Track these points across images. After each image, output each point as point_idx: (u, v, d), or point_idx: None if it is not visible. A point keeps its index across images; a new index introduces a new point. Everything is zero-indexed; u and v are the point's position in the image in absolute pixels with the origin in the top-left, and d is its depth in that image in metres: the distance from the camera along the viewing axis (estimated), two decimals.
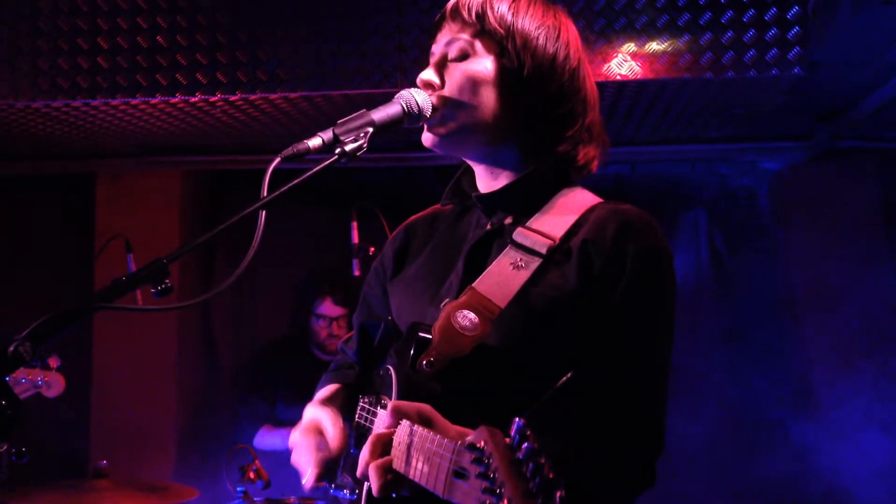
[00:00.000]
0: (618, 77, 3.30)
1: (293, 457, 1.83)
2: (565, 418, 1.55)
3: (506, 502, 1.06)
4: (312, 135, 1.58)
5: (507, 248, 1.66)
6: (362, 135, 1.60)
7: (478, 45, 1.69)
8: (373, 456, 1.45)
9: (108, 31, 3.47)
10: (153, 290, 1.45)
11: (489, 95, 1.69)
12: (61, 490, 3.48)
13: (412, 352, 1.57)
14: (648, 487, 1.60)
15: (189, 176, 5.03)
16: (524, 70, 1.68)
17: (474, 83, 1.69)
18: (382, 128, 1.63)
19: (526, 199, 1.73)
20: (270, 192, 1.50)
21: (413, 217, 1.98)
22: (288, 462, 1.90)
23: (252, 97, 3.50)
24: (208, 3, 3.45)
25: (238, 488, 3.71)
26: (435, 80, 1.71)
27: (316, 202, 4.68)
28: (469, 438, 1.23)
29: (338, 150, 1.57)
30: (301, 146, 1.55)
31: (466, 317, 1.58)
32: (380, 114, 1.64)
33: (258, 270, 4.95)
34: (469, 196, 1.83)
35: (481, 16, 1.69)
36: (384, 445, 1.46)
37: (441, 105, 1.69)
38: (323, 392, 1.95)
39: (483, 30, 1.69)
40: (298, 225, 4.75)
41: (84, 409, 4.82)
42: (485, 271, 1.65)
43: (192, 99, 3.51)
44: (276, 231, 1.63)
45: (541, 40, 1.70)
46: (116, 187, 4.92)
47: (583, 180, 1.80)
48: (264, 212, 1.50)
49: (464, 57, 1.70)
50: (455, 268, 1.73)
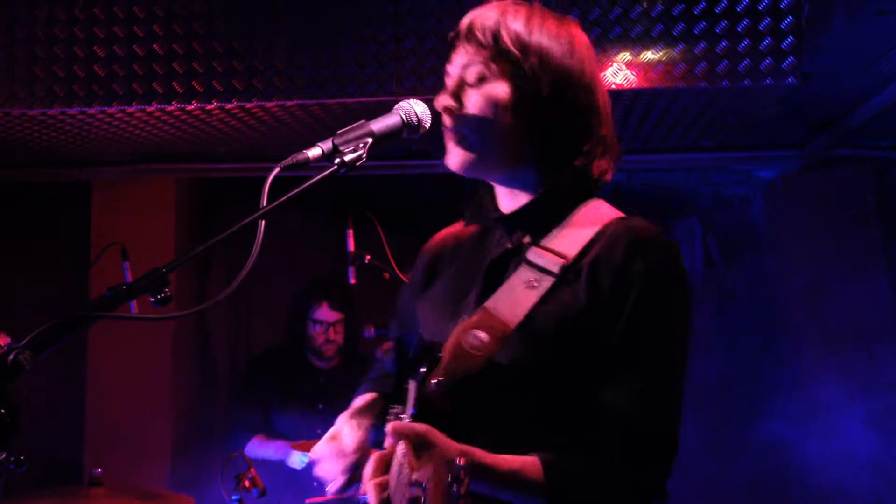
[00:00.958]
0: (613, 86, 3.31)
1: (316, 467, 1.85)
2: (572, 440, 1.58)
3: None
4: (310, 144, 1.59)
5: (521, 268, 1.67)
6: (361, 145, 1.61)
7: (494, 68, 1.69)
8: (373, 475, 1.51)
9: (105, 40, 3.47)
10: (152, 300, 1.45)
11: (508, 118, 1.69)
12: (56, 498, 3.47)
13: (424, 370, 1.60)
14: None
15: (185, 184, 5.03)
16: (541, 91, 1.69)
17: (493, 106, 1.69)
18: (382, 138, 1.64)
19: (543, 218, 1.73)
20: (269, 202, 1.51)
21: (443, 231, 2.01)
22: (283, 470, 1.91)
23: (248, 105, 3.50)
24: (204, 12, 3.45)
25: (233, 497, 3.70)
26: (452, 104, 1.71)
27: (312, 210, 4.69)
28: (415, 476, 1.33)
29: (337, 161, 1.58)
30: (300, 156, 1.56)
31: (477, 336, 1.60)
32: (379, 124, 1.65)
33: (253, 278, 4.94)
34: (489, 216, 1.84)
35: (497, 37, 1.69)
36: (385, 464, 1.50)
37: (459, 124, 1.71)
38: (358, 401, 1.97)
39: (499, 52, 1.69)
40: (294, 232, 4.76)
41: (79, 417, 4.81)
42: (497, 290, 1.67)
43: (189, 107, 3.51)
44: (272, 238, 1.64)
45: (556, 59, 1.70)
46: (112, 195, 4.92)
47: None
48: (263, 222, 1.50)
49: (481, 80, 1.70)
50: (475, 286, 1.75)
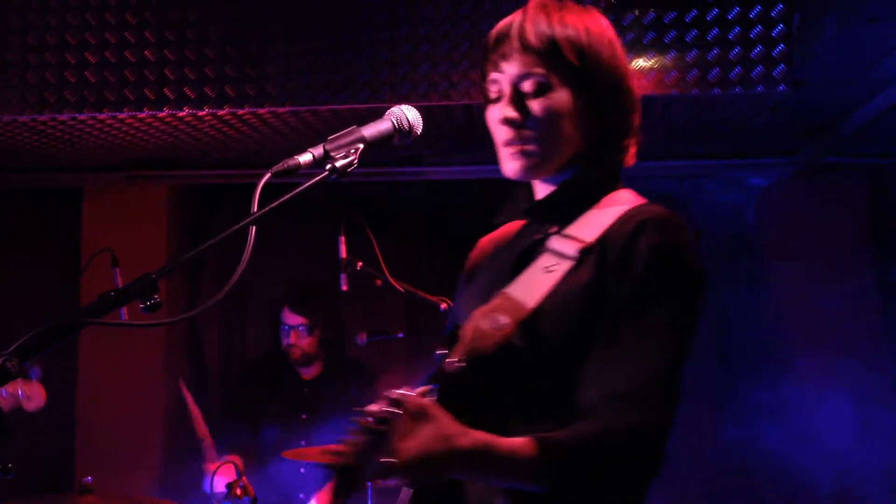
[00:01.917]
0: None
1: None
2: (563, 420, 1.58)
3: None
4: (301, 149, 1.58)
5: (544, 255, 1.70)
6: (353, 151, 1.60)
7: (553, 78, 1.70)
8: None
9: (97, 46, 3.47)
10: (142, 306, 1.44)
11: (570, 126, 1.71)
12: None
13: (443, 352, 1.61)
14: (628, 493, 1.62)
15: (176, 190, 5.02)
16: (599, 96, 1.72)
17: (557, 117, 1.70)
18: (373, 144, 1.64)
19: (569, 206, 1.76)
20: (260, 208, 1.50)
21: (485, 238, 2.03)
22: (275, 478, 1.89)
23: (240, 112, 3.49)
24: (196, 18, 3.45)
25: (224, 503, 3.69)
26: (517, 117, 1.71)
27: (304, 216, 4.69)
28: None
29: (328, 167, 1.58)
30: (291, 162, 1.55)
31: (495, 318, 1.61)
32: (370, 130, 1.64)
33: (245, 284, 4.94)
34: (520, 208, 1.86)
35: (554, 46, 1.69)
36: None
37: (526, 141, 1.71)
38: None
39: (556, 60, 1.69)
40: (286, 239, 4.75)
41: (69, 424, 4.79)
42: (518, 277, 1.69)
43: (180, 113, 3.50)
44: (264, 245, 1.63)
45: (607, 61, 1.73)
46: (103, 201, 4.91)
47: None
48: (254, 228, 1.49)
49: (540, 90, 1.71)
50: (504, 278, 1.76)
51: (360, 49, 3.39)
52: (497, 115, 1.73)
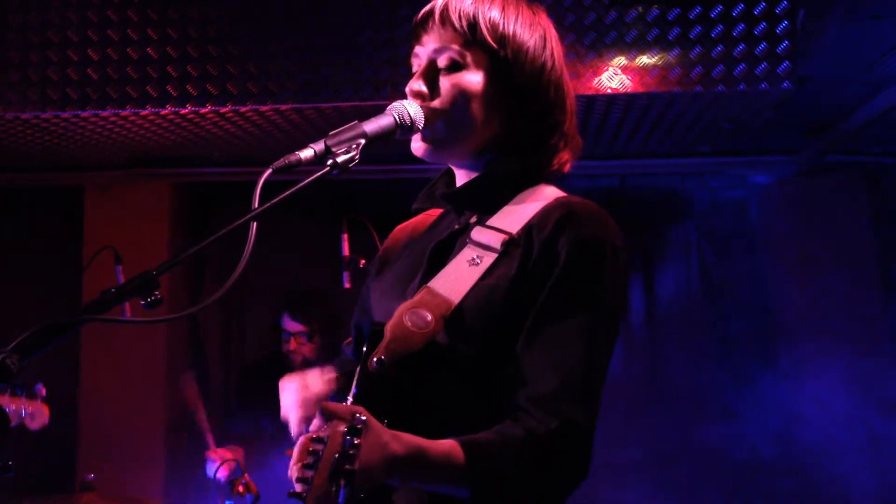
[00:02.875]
0: (608, 90, 3.30)
1: (282, 416, 1.84)
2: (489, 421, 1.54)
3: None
4: (304, 146, 1.57)
5: (466, 247, 1.66)
6: (354, 146, 1.59)
7: (469, 57, 1.68)
8: (298, 459, 1.45)
9: (98, 43, 3.47)
10: (143, 303, 1.43)
11: (479, 109, 1.68)
12: None
13: (365, 350, 1.57)
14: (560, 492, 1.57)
15: (178, 188, 5.02)
16: (515, 84, 1.69)
17: (466, 97, 1.68)
18: (374, 139, 1.62)
19: (489, 197, 1.72)
20: (261, 204, 1.49)
21: (403, 224, 1.99)
22: (278, 475, 1.89)
23: (242, 109, 3.49)
24: (199, 16, 3.45)
25: (227, 502, 3.69)
26: (425, 91, 1.69)
27: (306, 214, 4.68)
28: (314, 429, 1.38)
29: (330, 162, 1.56)
30: (293, 158, 1.54)
31: (420, 315, 1.57)
32: (372, 125, 1.63)
33: (247, 282, 4.93)
34: (437, 194, 1.82)
35: (473, 25, 1.67)
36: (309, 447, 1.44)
37: (432, 117, 1.69)
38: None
39: (475, 40, 1.67)
40: (289, 237, 4.74)
41: (71, 423, 4.79)
42: (442, 270, 1.65)
43: (183, 111, 3.50)
44: (266, 242, 1.62)
45: (531, 52, 1.69)
46: (105, 199, 4.90)
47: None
48: (255, 224, 1.48)
49: (454, 67, 1.69)
50: (421, 268, 1.73)
51: (362, 47, 3.38)
52: (408, 88, 1.71)
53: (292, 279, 4.88)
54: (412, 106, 1.68)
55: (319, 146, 1.57)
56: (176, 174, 4.76)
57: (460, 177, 1.80)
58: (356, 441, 1.29)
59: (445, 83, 1.69)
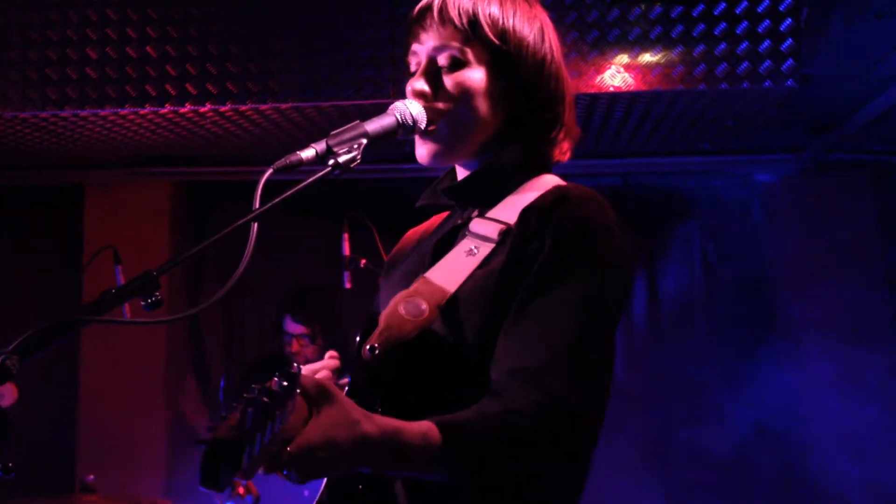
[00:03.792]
0: (611, 89, 3.29)
1: None
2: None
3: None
4: (305, 146, 1.56)
5: (465, 239, 1.65)
6: (356, 146, 1.57)
7: (470, 54, 1.66)
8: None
9: (98, 42, 3.45)
10: (143, 303, 1.42)
11: (483, 106, 1.67)
12: None
13: (359, 339, 1.57)
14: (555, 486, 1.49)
15: (178, 187, 5.01)
16: (517, 79, 1.67)
17: (470, 95, 1.66)
18: (376, 139, 1.61)
19: (490, 189, 1.70)
20: (262, 204, 1.48)
21: (412, 229, 1.99)
22: (278, 478, 1.87)
23: (242, 108, 3.48)
24: (199, 14, 3.43)
25: (227, 503, 3.68)
26: (428, 91, 1.67)
27: (307, 213, 4.66)
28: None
29: (331, 162, 1.55)
30: (294, 157, 1.52)
31: (415, 303, 1.55)
32: (374, 125, 1.61)
33: (248, 282, 4.92)
34: (438, 190, 1.80)
35: (474, 22, 1.65)
36: None
37: (436, 117, 1.67)
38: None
39: (475, 36, 1.65)
40: (289, 237, 4.73)
41: (71, 423, 4.78)
42: (440, 262, 1.64)
43: (182, 110, 3.49)
44: (267, 242, 1.61)
45: (531, 46, 1.68)
46: (105, 198, 4.89)
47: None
48: (256, 224, 1.47)
49: (456, 65, 1.67)
50: (425, 264, 1.71)
51: (363, 46, 3.37)
52: (409, 87, 1.69)
53: (293, 279, 4.87)
54: (414, 106, 1.66)
55: (321, 146, 1.55)
56: (176, 173, 4.75)
57: (462, 173, 1.78)
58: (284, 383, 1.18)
59: (448, 82, 1.67)
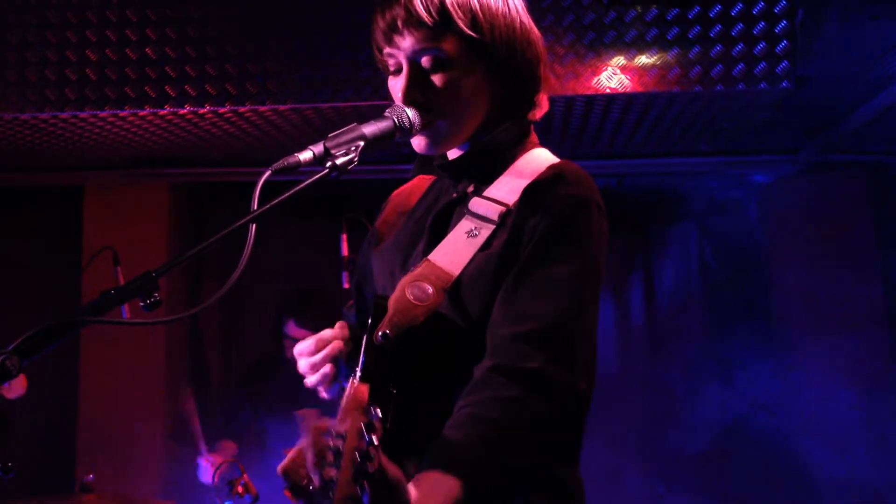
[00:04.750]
0: (607, 90, 3.30)
1: (298, 365, 1.83)
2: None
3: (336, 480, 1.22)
4: (303, 147, 1.57)
5: (464, 218, 1.68)
6: (353, 148, 1.59)
7: (448, 51, 1.66)
8: (313, 454, 1.37)
9: (97, 43, 3.46)
10: (142, 304, 1.43)
11: (473, 97, 1.70)
12: None
13: (370, 324, 1.59)
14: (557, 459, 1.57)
15: (177, 188, 5.01)
16: (497, 60, 1.69)
17: (459, 92, 1.68)
18: (374, 142, 1.62)
19: (485, 165, 1.74)
20: (261, 205, 1.49)
21: (404, 185, 1.98)
22: (278, 478, 1.87)
23: (241, 109, 3.48)
24: (197, 15, 3.44)
25: (226, 502, 3.68)
26: (420, 98, 1.68)
27: (305, 214, 4.67)
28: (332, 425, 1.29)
29: (329, 164, 1.57)
30: (292, 159, 1.54)
31: (421, 287, 1.59)
32: (371, 128, 1.63)
33: (247, 282, 4.92)
34: (434, 163, 1.83)
35: (443, 16, 1.64)
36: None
37: (432, 119, 1.69)
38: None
39: (450, 31, 1.66)
40: (287, 237, 4.74)
41: (71, 423, 4.78)
42: (441, 241, 1.67)
43: (181, 111, 3.49)
44: (265, 243, 1.63)
45: (502, 22, 1.69)
46: (104, 199, 4.90)
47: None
48: (254, 225, 1.48)
49: (438, 64, 1.67)
50: (422, 238, 1.75)
51: (361, 47, 3.38)
52: (398, 90, 1.70)
53: (291, 279, 4.88)
54: (411, 109, 1.68)
55: (319, 148, 1.57)
56: (175, 174, 4.76)
57: (455, 151, 1.81)
58: (374, 438, 1.23)
59: (436, 82, 1.68)
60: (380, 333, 1.56)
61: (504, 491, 1.51)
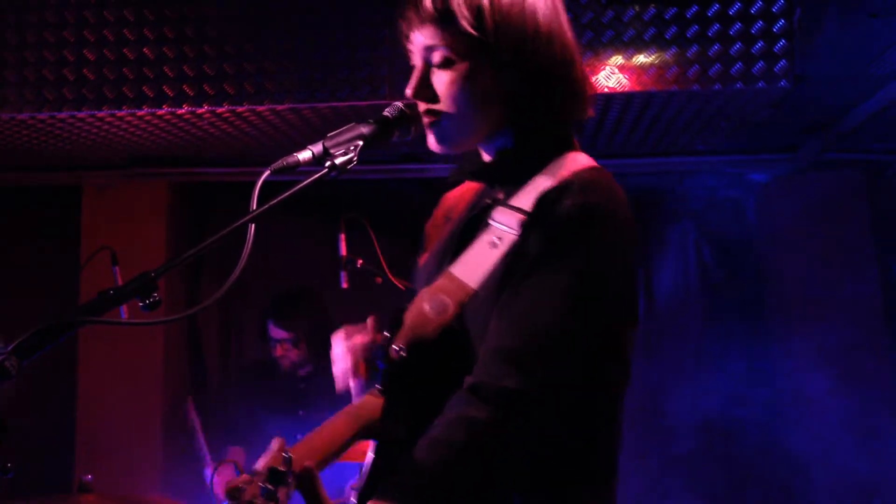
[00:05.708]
0: (605, 89, 3.30)
1: (333, 367, 1.79)
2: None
3: None
4: (302, 147, 1.57)
5: (488, 228, 1.63)
6: (352, 148, 1.59)
7: (453, 49, 1.64)
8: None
9: (95, 43, 3.46)
10: (141, 304, 1.43)
11: (477, 98, 1.65)
12: None
13: (387, 337, 1.59)
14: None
15: (176, 188, 5.01)
16: (514, 65, 1.63)
17: (459, 92, 1.64)
18: (372, 141, 1.63)
19: (512, 171, 1.68)
20: (260, 205, 1.49)
21: (450, 192, 1.96)
22: None
23: (239, 109, 3.48)
24: (195, 15, 3.44)
25: (224, 503, 3.68)
26: (426, 94, 1.68)
27: (303, 214, 4.67)
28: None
29: (328, 164, 1.57)
30: (291, 159, 1.54)
31: (441, 300, 1.57)
32: (370, 127, 1.63)
33: (245, 282, 4.92)
34: (466, 171, 1.81)
35: (447, 14, 1.62)
36: None
37: (437, 118, 1.67)
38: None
39: (455, 30, 1.62)
40: (287, 237, 4.73)
41: (69, 423, 4.78)
42: (464, 253, 1.64)
43: (179, 111, 3.49)
44: (263, 242, 1.62)
45: (518, 24, 1.63)
46: (103, 199, 4.89)
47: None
48: (253, 225, 1.48)
49: (445, 63, 1.65)
50: (450, 250, 1.72)
51: (359, 46, 3.38)
52: (406, 92, 1.70)
53: (290, 279, 4.88)
54: (417, 105, 1.68)
55: (317, 147, 1.57)
56: (173, 174, 4.76)
57: (483, 152, 1.77)
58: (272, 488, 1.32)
59: (439, 81, 1.66)
60: (395, 348, 1.55)
61: None
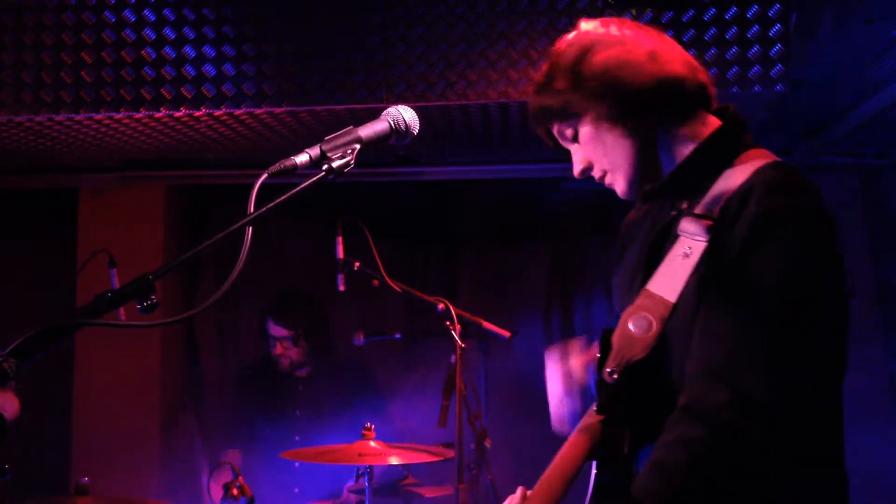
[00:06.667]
0: None
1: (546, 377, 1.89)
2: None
3: None
4: (299, 150, 1.58)
5: (678, 239, 1.64)
6: (349, 151, 1.60)
7: (567, 126, 1.78)
8: None
9: (93, 45, 3.46)
10: (139, 307, 1.44)
11: (616, 148, 1.75)
12: None
13: (598, 360, 1.63)
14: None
15: (173, 191, 5.02)
16: (617, 105, 1.72)
17: (605, 149, 1.75)
18: (370, 144, 1.63)
19: (693, 182, 1.72)
20: (257, 208, 1.50)
21: (626, 217, 2.02)
22: (272, 478, 1.88)
23: (237, 112, 3.49)
24: (193, 18, 3.44)
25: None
26: (583, 167, 1.81)
27: (301, 217, 4.68)
28: None
29: (325, 167, 1.58)
30: (288, 162, 1.55)
31: (645, 318, 1.59)
32: (367, 130, 1.64)
33: (243, 285, 4.92)
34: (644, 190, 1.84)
35: (544, 112, 1.79)
36: None
37: (604, 176, 1.80)
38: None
39: (566, 112, 1.76)
40: (284, 240, 4.74)
41: (66, 425, 4.78)
42: (658, 268, 1.64)
43: (177, 114, 3.50)
44: (261, 245, 1.63)
45: (597, 76, 1.73)
46: (100, 202, 4.90)
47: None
48: (251, 228, 1.49)
49: (573, 137, 1.78)
50: (642, 266, 1.76)
51: (356, 49, 3.39)
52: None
53: (287, 282, 4.89)
54: (407, 111, 1.69)
55: (315, 151, 1.58)
56: (170, 177, 4.76)
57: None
58: None
59: (584, 150, 1.79)
60: (608, 371, 1.57)
61: None
